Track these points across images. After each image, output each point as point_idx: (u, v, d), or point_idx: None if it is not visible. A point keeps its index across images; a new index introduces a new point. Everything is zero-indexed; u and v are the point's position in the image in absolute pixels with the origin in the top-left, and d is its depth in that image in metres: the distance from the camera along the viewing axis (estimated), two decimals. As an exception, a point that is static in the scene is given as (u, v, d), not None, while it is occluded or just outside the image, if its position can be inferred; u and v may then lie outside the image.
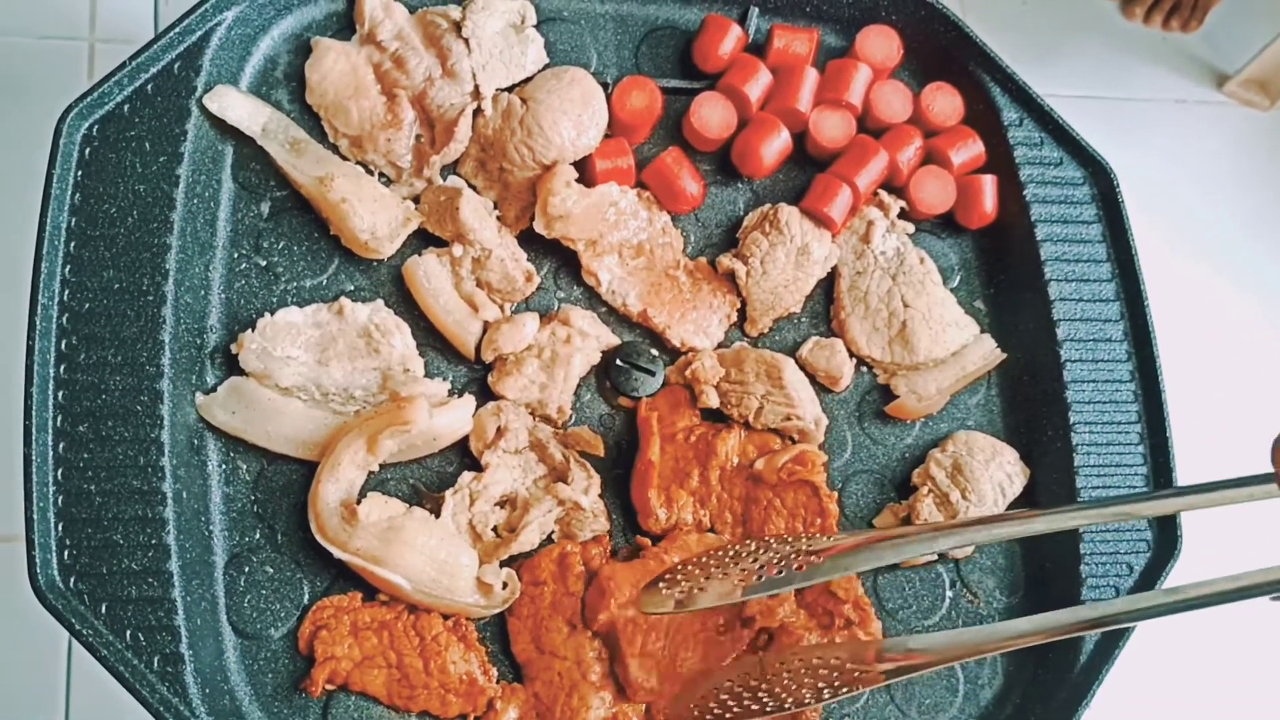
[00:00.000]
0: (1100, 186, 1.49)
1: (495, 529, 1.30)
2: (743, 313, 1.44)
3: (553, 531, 1.32)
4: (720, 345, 1.43)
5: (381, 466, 1.30)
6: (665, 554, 1.32)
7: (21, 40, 2.32)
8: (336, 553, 1.22)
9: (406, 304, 1.35)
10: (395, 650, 1.23)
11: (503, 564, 1.29)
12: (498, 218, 1.39)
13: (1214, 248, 2.46)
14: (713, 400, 1.37)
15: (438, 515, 1.27)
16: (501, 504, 1.31)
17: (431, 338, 1.36)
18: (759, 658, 1.26)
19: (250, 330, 1.27)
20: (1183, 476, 1.41)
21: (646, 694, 1.27)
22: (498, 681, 1.26)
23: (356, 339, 1.30)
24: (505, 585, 1.27)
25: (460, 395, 1.33)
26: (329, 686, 1.22)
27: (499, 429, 1.31)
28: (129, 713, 1.18)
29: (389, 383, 1.30)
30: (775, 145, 1.45)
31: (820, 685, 1.18)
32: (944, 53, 1.53)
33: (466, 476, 1.30)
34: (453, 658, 1.24)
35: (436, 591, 1.24)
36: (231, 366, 1.28)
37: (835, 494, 1.36)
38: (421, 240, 1.38)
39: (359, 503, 1.24)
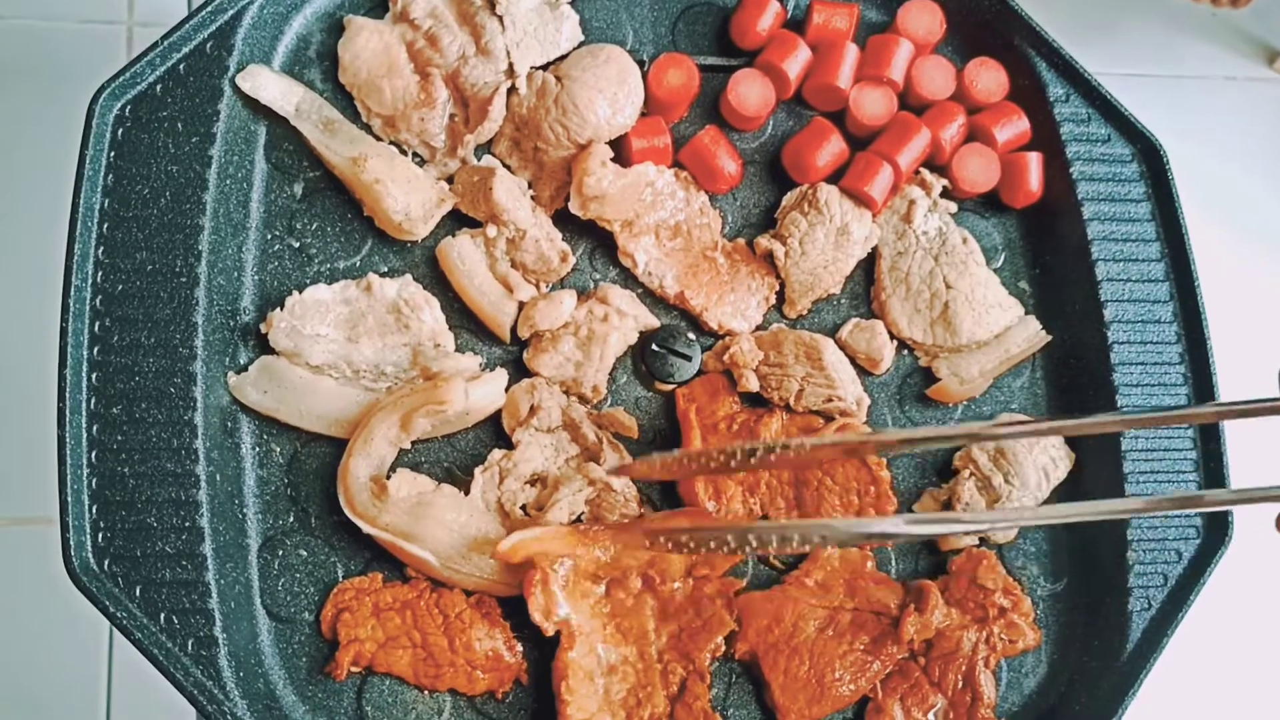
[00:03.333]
0: (1149, 164, 1.45)
1: (524, 508, 1.29)
2: (781, 294, 1.42)
3: (582, 513, 1.30)
4: (758, 328, 1.40)
5: (414, 445, 1.29)
6: (806, 577, 1.31)
7: (62, 25, 2.33)
8: (365, 527, 1.22)
9: (441, 285, 1.34)
10: (419, 630, 1.23)
11: None
12: (532, 198, 1.37)
13: (1265, 227, 2.41)
14: (753, 384, 1.35)
15: (468, 494, 1.26)
16: (532, 482, 1.30)
17: (465, 319, 1.34)
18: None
19: (279, 309, 1.26)
20: (1233, 462, 1.38)
21: (798, 717, 1.26)
22: (523, 657, 1.25)
23: (386, 315, 1.29)
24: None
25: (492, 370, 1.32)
26: (354, 669, 1.21)
27: (532, 407, 1.30)
28: (171, 694, 1.17)
29: (420, 358, 1.29)
30: (828, 153, 1.42)
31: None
32: (988, 27, 1.49)
33: (497, 454, 1.29)
34: (477, 635, 1.23)
35: (465, 569, 1.23)
36: (264, 348, 1.28)
37: (884, 461, 1.34)
38: (455, 221, 1.36)
39: (388, 478, 1.23)
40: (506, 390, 1.31)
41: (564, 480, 1.29)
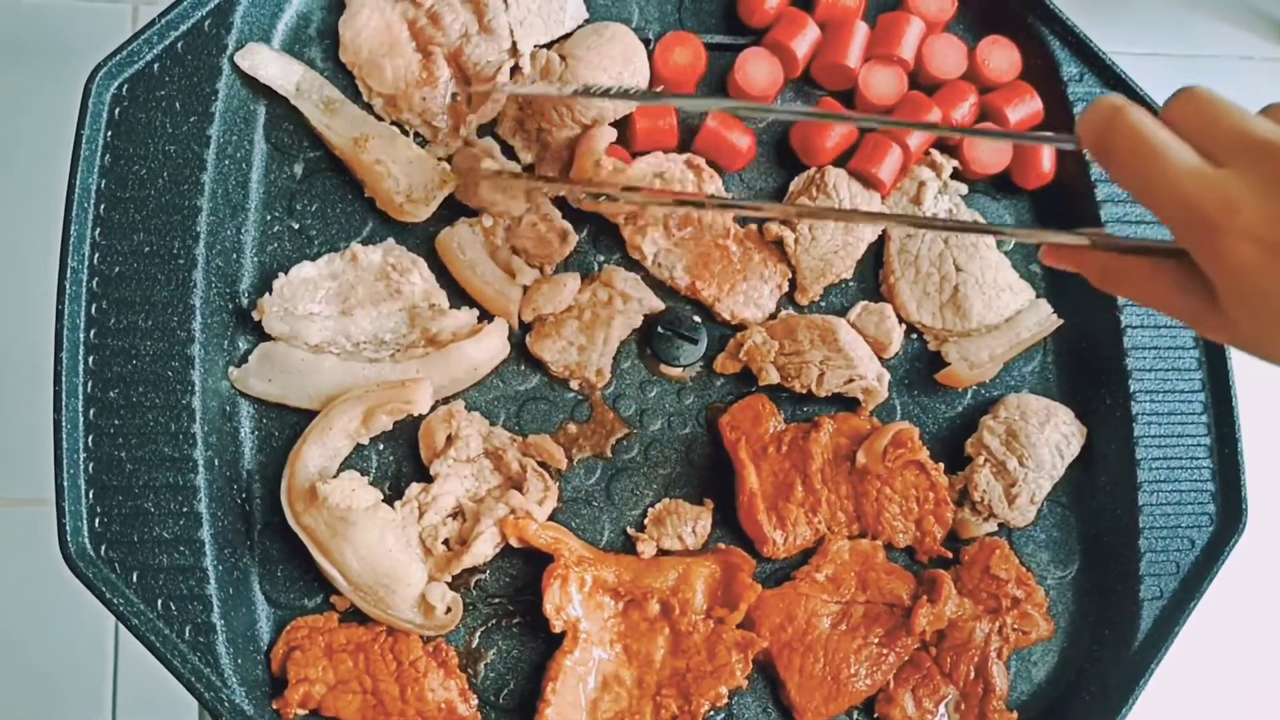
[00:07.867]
0: (1164, 144, 1.43)
1: (446, 542, 1.23)
2: (793, 281, 1.39)
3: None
4: (769, 317, 1.38)
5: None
6: (817, 571, 1.29)
7: (66, 2, 2.31)
8: (291, 521, 1.19)
9: (444, 276, 1.32)
10: (370, 675, 1.17)
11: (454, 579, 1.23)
12: (535, 178, 1.35)
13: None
14: (773, 376, 1.32)
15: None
16: (454, 515, 1.25)
17: (472, 308, 1.32)
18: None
19: (268, 294, 1.24)
20: (1248, 446, 1.36)
21: (815, 715, 1.25)
22: (479, 709, 1.21)
23: (375, 283, 1.27)
24: (449, 610, 1.21)
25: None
26: (300, 711, 1.17)
27: (449, 436, 1.25)
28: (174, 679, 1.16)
29: (417, 321, 1.27)
30: (837, 133, 1.39)
31: None
32: (1000, 5, 1.47)
33: (415, 488, 1.24)
34: (431, 685, 1.18)
35: (371, 601, 1.19)
36: (264, 333, 1.26)
37: (941, 465, 1.33)
38: (458, 202, 1.34)
39: (336, 475, 1.21)
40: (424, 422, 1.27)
41: (484, 511, 1.23)
